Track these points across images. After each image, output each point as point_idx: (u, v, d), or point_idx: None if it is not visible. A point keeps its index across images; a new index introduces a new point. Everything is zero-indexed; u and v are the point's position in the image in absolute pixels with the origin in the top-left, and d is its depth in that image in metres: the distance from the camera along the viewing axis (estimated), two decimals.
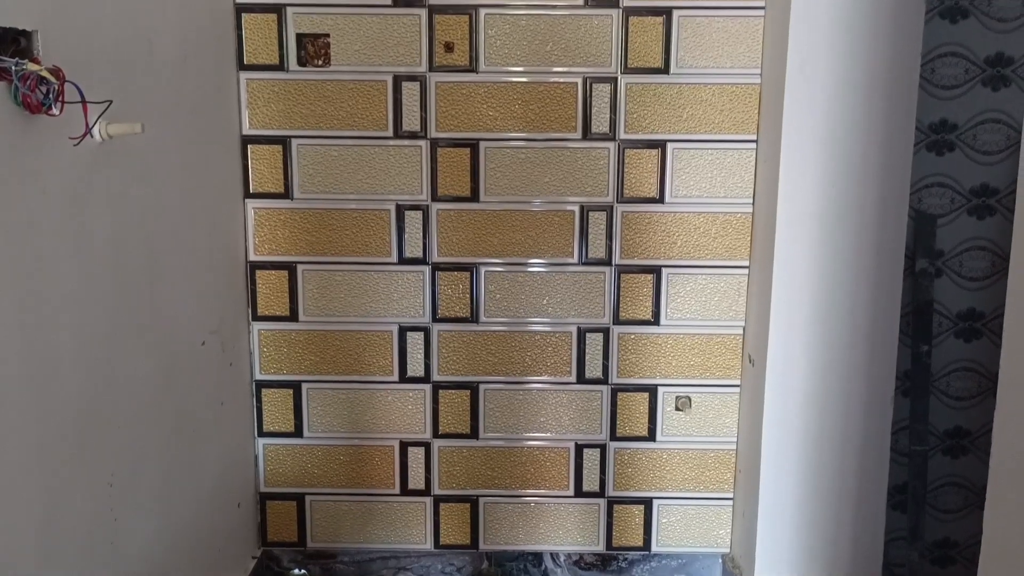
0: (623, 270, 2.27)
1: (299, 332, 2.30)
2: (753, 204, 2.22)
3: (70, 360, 1.38)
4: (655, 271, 2.27)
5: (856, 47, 1.93)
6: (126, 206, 1.57)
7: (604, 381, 2.33)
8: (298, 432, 2.35)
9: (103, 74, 1.45)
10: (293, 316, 2.28)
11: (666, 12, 2.14)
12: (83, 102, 1.28)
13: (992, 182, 2.23)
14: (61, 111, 1.24)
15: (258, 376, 2.32)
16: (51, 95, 1.22)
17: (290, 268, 2.26)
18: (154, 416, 1.72)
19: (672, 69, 2.17)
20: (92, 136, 1.35)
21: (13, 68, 1.15)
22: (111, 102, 1.34)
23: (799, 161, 1.98)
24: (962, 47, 2.18)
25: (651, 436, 2.35)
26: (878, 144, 1.97)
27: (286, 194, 2.23)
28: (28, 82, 1.18)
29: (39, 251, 1.28)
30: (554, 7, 2.14)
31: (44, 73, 1.19)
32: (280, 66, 2.16)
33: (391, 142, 2.21)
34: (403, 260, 2.27)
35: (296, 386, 2.33)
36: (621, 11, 2.14)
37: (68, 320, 1.38)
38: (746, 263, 2.25)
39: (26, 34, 1.23)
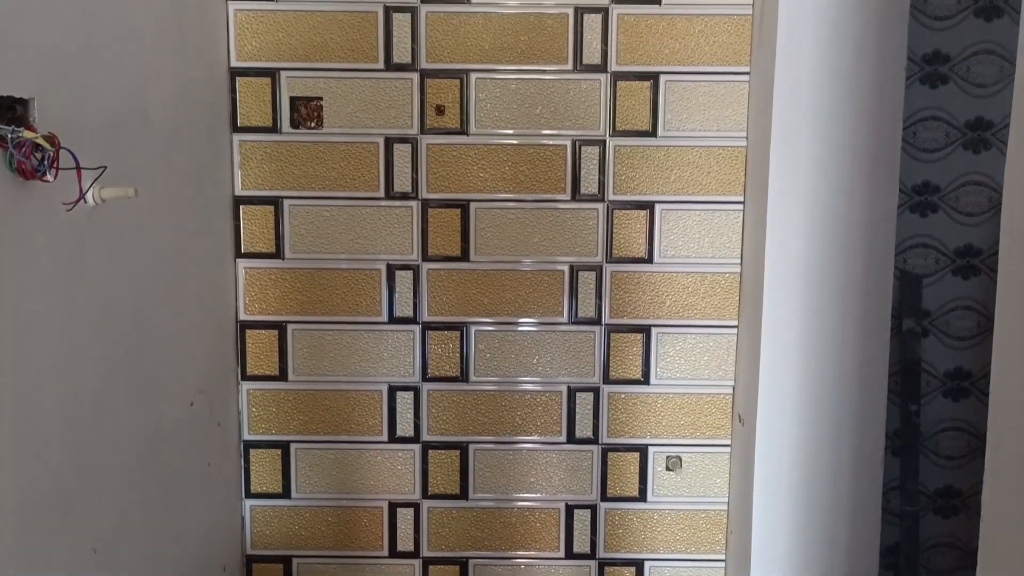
0: (613, 329, 2.28)
1: (288, 392, 2.29)
2: (741, 264, 2.24)
3: (56, 423, 1.37)
4: (644, 331, 2.28)
5: (839, 111, 1.96)
6: (117, 268, 1.57)
7: (594, 441, 2.32)
8: (286, 493, 2.33)
9: (98, 139, 1.47)
10: (282, 376, 2.28)
11: (653, 77, 2.18)
12: (77, 168, 1.29)
13: (976, 243, 2.26)
14: (55, 177, 1.25)
15: (246, 436, 2.30)
16: (46, 161, 1.23)
17: (280, 328, 2.26)
18: (140, 479, 1.70)
19: (660, 132, 2.21)
20: (85, 201, 1.36)
21: (9, 136, 1.16)
22: (105, 168, 1.36)
23: (785, 223, 2.00)
24: (943, 111, 2.23)
25: (642, 496, 2.34)
26: (862, 206, 2.00)
27: (277, 254, 2.24)
28: (23, 149, 1.19)
29: (29, 315, 1.28)
30: (543, 72, 2.18)
31: (39, 140, 1.21)
32: (273, 128, 2.19)
33: (382, 202, 2.23)
34: (393, 319, 2.27)
35: (284, 446, 2.31)
36: (609, 76, 2.19)
37: (55, 383, 1.37)
38: (735, 323, 2.26)
39: (22, 102, 1.25)
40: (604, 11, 2.16)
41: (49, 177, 1.24)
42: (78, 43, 1.42)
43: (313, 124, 2.20)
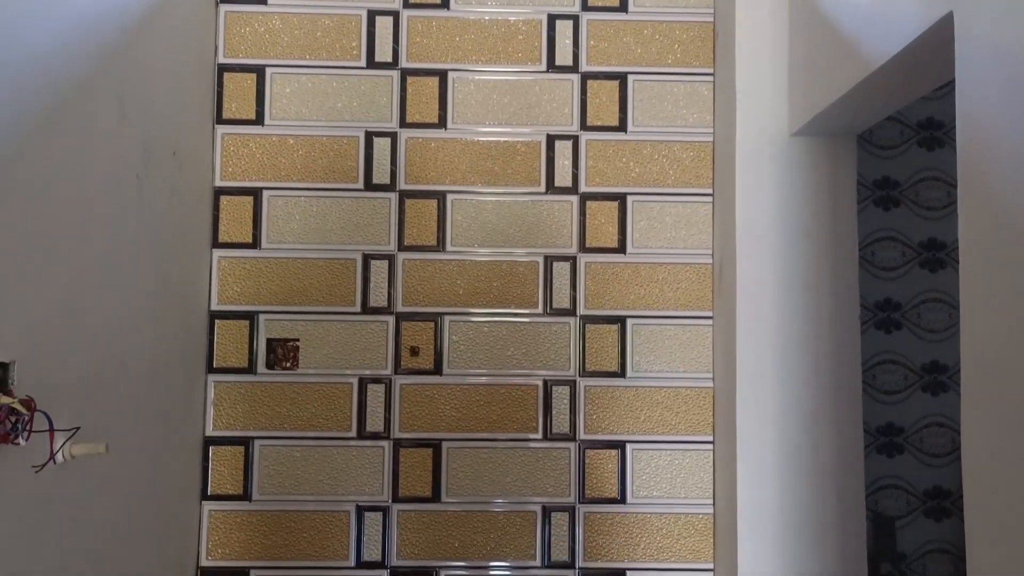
0: (585, 574, 2.22)
1: None
2: (714, 507, 2.23)
3: None
4: (619, 574, 2.22)
5: (800, 353, 2.04)
6: (81, 522, 1.53)
7: None
8: None
9: (75, 394, 1.48)
10: None
11: (620, 320, 2.27)
12: (51, 430, 1.29)
13: (944, 483, 2.28)
14: (27, 440, 1.25)
15: None
16: (20, 425, 1.23)
17: (243, 574, 2.18)
18: None
19: (628, 372, 2.26)
20: (55, 462, 1.35)
21: None
22: (78, 428, 1.36)
23: (756, 465, 2.02)
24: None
25: None
26: (830, 446, 2.03)
27: (244, 496, 2.19)
28: None
29: None
30: (516, 315, 2.26)
31: (16, 405, 1.22)
32: (249, 369, 2.22)
33: (353, 443, 2.23)
34: (361, 563, 2.20)
35: None
36: (578, 319, 2.27)
37: None
38: (711, 566, 2.22)
39: (3, 365, 1.27)
40: (572, 260, 2.27)
41: (21, 441, 1.23)
42: (64, 303, 1.45)
43: (289, 365, 2.23)
